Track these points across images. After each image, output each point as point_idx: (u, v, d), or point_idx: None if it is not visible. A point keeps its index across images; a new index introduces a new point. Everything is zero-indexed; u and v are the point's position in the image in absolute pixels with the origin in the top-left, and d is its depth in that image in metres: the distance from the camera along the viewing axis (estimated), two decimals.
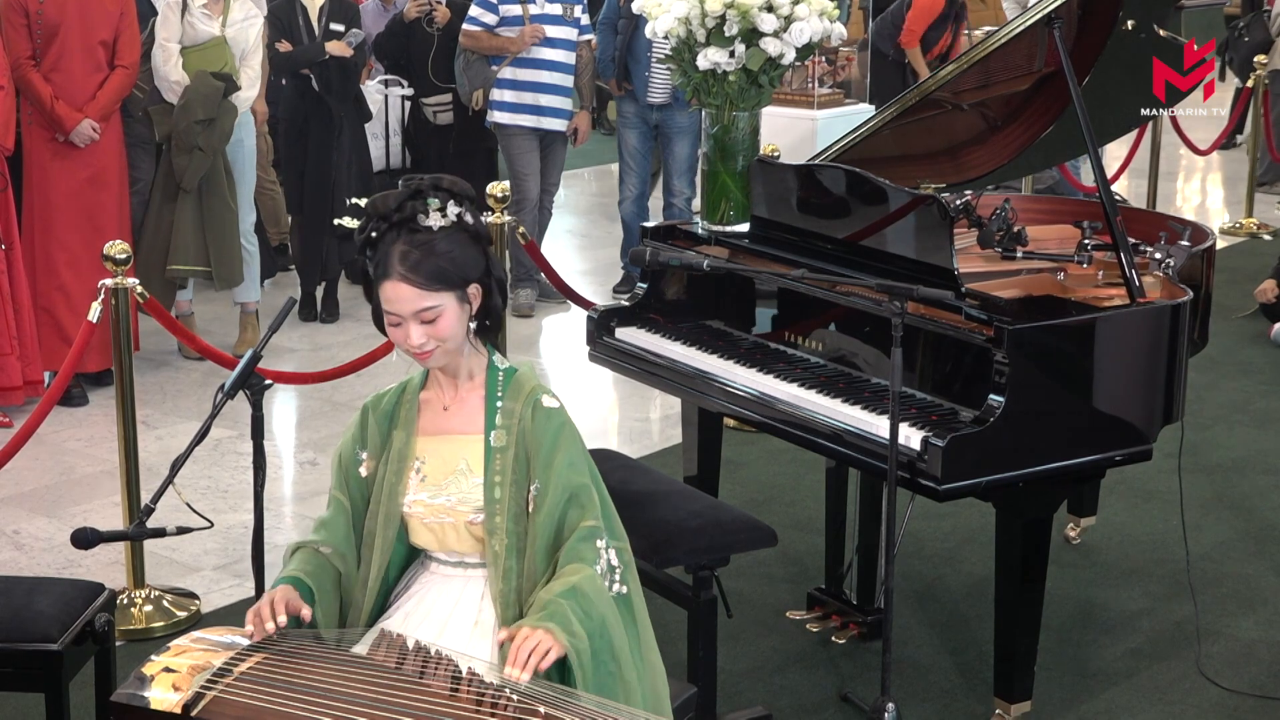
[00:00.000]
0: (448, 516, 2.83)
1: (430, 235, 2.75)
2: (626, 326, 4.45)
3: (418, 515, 2.86)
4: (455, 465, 2.84)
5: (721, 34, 4.23)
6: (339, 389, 6.46)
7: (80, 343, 4.50)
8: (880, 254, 3.93)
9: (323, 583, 2.86)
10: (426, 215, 2.75)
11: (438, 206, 2.76)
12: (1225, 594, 4.69)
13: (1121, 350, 3.73)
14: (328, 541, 2.89)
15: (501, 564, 2.78)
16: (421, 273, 2.73)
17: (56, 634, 3.33)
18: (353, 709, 2.52)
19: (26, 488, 5.49)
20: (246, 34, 6.75)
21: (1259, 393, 6.61)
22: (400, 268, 2.73)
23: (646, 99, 7.79)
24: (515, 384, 2.86)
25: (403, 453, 2.88)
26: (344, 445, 2.95)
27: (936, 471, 3.47)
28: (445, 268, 2.75)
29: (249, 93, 6.80)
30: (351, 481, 2.93)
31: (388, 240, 2.76)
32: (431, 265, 2.74)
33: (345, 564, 2.89)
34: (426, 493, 2.85)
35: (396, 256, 2.74)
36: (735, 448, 5.62)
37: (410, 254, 2.73)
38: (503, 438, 2.83)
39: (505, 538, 2.78)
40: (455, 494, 2.83)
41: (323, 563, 2.88)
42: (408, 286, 2.73)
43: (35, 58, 6.21)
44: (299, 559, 2.89)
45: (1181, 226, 4.38)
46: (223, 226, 6.78)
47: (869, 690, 4.00)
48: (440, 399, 2.90)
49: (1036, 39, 4.39)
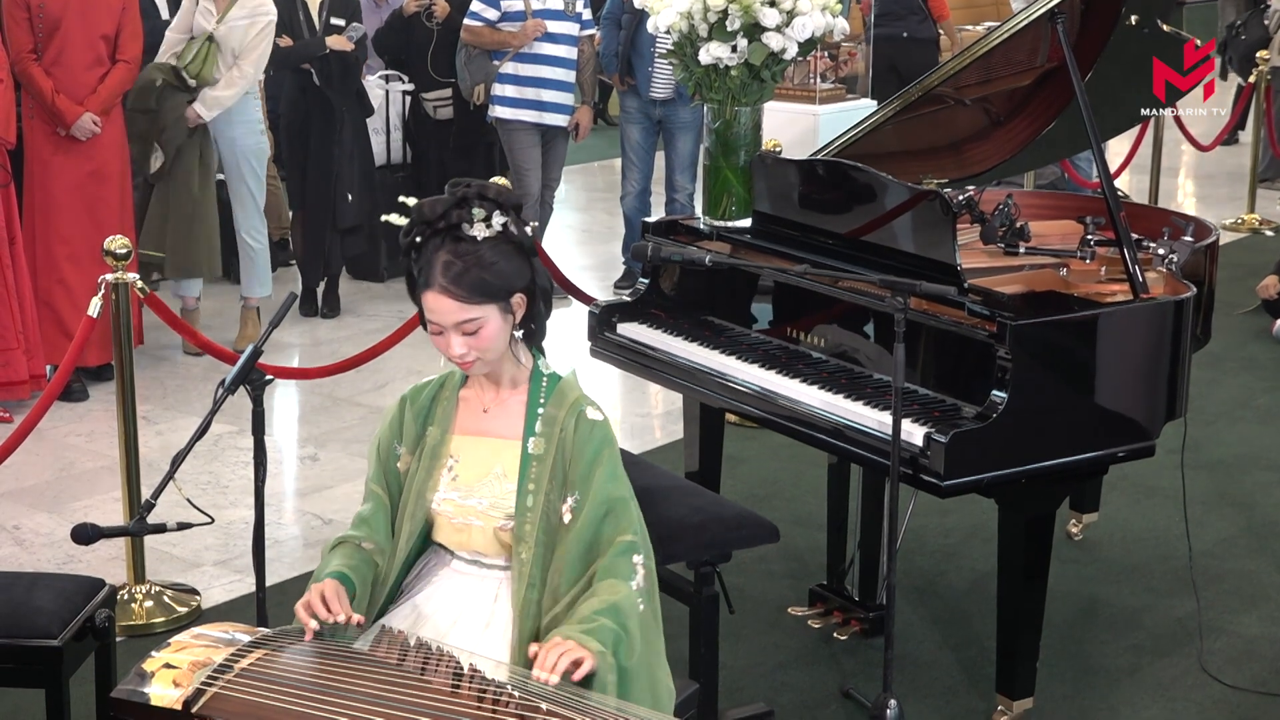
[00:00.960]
0: (477, 519, 2.82)
1: (474, 246, 2.71)
2: (628, 322, 4.44)
3: (446, 514, 2.84)
4: (490, 469, 2.82)
5: (724, 29, 4.22)
6: (340, 384, 6.45)
7: (81, 337, 4.49)
8: (883, 249, 3.93)
9: (365, 579, 2.84)
10: (471, 225, 2.71)
11: (483, 217, 2.72)
12: (1227, 590, 4.68)
13: (1124, 346, 3.72)
14: (370, 538, 2.88)
15: (527, 573, 2.76)
16: (464, 285, 2.70)
17: (57, 630, 3.32)
18: (354, 705, 2.51)
19: (27, 483, 5.49)
20: (242, 34, 6.69)
21: (1261, 389, 6.60)
22: (442, 279, 2.71)
23: (650, 94, 7.78)
24: (559, 392, 2.84)
25: (436, 449, 2.86)
26: (381, 437, 2.93)
27: (939, 467, 3.46)
28: (488, 280, 2.72)
29: (223, 93, 6.73)
30: (390, 474, 2.91)
31: (431, 247, 2.73)
32: (474, 278, 2.71)
33: (385, 561, 2.88)
34: (458, 493, 2.83)
35: (439, 267, 2.71)
36: (737, 443, 5.61)
37: (453, 265, 2.70)
38: (541, 445, 2.80)
39: (533, 547, 2.76)
40: (487, 498, 2.81)
41: (366, 559, 2.86)
42: (449, 299, 2.71)
43: (36, 52, 6.21)
44: (342, 554, 2.86)
45: (1184, 222, 4.37)
46: (182, 216, 6.81)
47: (871, 686, 3.99)
48: (480, 399, 2.88)
49: (1039, 34, 4.38)
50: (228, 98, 6.74)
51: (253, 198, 7.03)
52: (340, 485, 5.50)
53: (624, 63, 7.85)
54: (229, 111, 6.80)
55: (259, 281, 7.17)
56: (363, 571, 2.85)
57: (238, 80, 6.73)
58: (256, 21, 6.73)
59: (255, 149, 7.00)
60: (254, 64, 6.76)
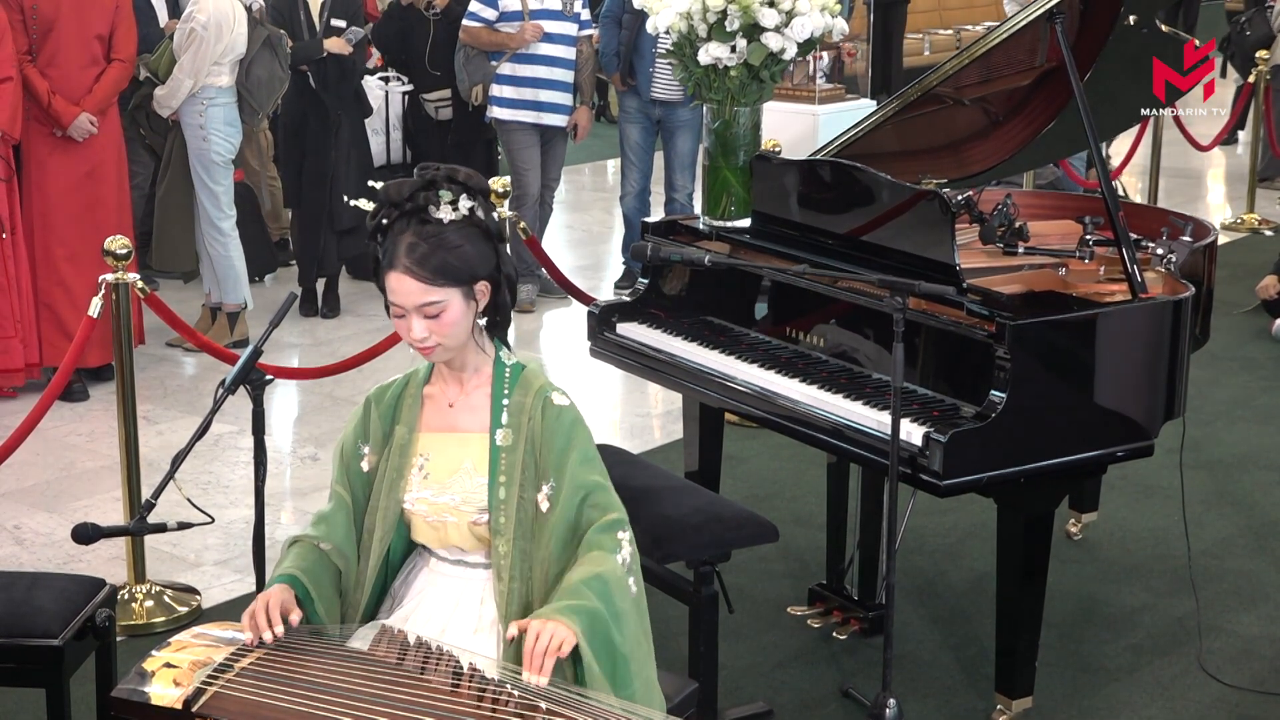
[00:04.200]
0: (451, 516, 2.82)
1: (440, 228, 2.71)
2: (627, 322, 4.45)
3: (420, 513, 2.84)
4: (460, 464, 2.82)
5: (723, 29, 4.22)
6: (340, 384, 6.45)
7: (81, 338, 4.49)
8: (882, 249, 3.93)
9: (320, 579, 2.83)
10: (438, 207, 2.72)
11: (449, 199, 2.72)
12: (1226, 590, 4.68)
13: (1123, 346, 3.72)
14: (328, 538, 2.86)
15: (506, 566, 2.76)
16: (427, 267, 2.70)
17: (57, 629, 3.32)
18: (354, 704, 2.51)
19: (27, 483, 5.49)
20: (181, 36, 6.72)
21: (1260, 388, 6.60)
22: (406, 260, 2.70)
23: (651, 94, 7.78)
24: (523, 381, 2.84)
25: (405, 448, 2.86)
26: (346, 438, 2.93)
27: (938, 467, 3.47)
28: (452, 263, 2.72)
29: (160, 91, 6.79)
30: (353, 475, 2.90)
31: (397, 229, 2.73)
32: (437, 260, 2.71)
33: (345, 561, 2.86)
34: (430, 491, 2.83)
35: (404, 247, 2.71)
36: (736, 443, 5.62)
37: (417, 246, 2.71)
38: (509, 437, 2.80)
39: (511, 540, 2.76)
40: (459, 493, 2.81)
41: (322, 559, 2.85)
42: (411, 280, 2.71)
43: (31, 53, 6.21)
44: (296, 554, 2.85)
45: (1183, 222, 4.37)
46: (165, 210, 7.04)
47: (870, 686, 3.99)
48: (445, 394, 2.88)
49: (1039, 34, 4.38)
50: (164, 97, 6.79)
51: (204, 204, 6.91)
52: None
53: (625, 63, 7.85)
54: (180, 114, 6.83)
55: (226, 289, 7.04)
56: (316, 573, 2.83)
57: (171, 82, 6.75)
58: (184, 26, 6.73)
59: (200, 153, 6.85)
60: (184, 69, 6.68)
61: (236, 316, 7.07)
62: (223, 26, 6.70)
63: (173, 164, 6.98)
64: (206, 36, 6.66)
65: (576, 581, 2.67)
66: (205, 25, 6.65)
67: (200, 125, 6.81)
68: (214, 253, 6.98)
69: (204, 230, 6.95)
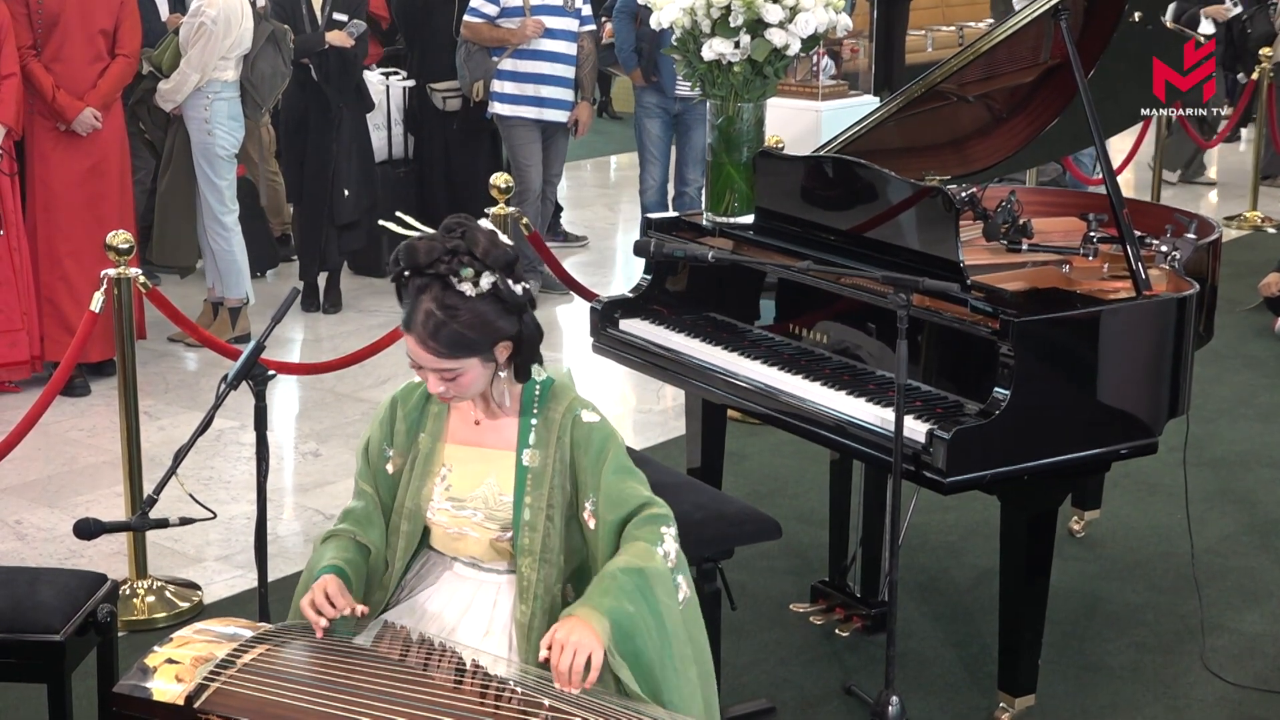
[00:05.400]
0: (472, 530, 2.81)
1: (460, 300, 2.64)
2: (630, 318, 4.44)
3: (440, 524, 2.83)
4: (483, 479, 2.81)
5: (727, 25, 4.22)
6: (342, 379, 6.45)
7: (83, 333, 4.49)
8: (885, 246, 3.92)
9: (360, 571, 2.83)
10: (459, 280, 2.65)
11: (470, 276, 2.65)
12: (1230, 588, 4.68)
13: (1127, 343, 3.72)
14: (364, 534, 2.86)
15: (531, 590, 2.75)
16: (440, 340, 2.65)
17: (59, 625, 3.32)
18: (357, 701, 2.51)
19: (29, 478, 5.49)
20: (187, 31, 6.72)
21: (1264, 386, 6.60)
22: (421, 329, 2.65)
23: (676, 91, 7.77)
24: (552, 397, 2.81)
25: (429, 457, 2.84)
26: (371, 438, 2.90)
27: (941, 464, 3.46)
28: (469, 337, 2.66)
29: (165, 86, 6.78)
30: (379, 475, 2.90)
31: (416, 288, 2.67)
32: (451, 334, 2.65)
33: (377, 557, 2.87)
34: (451, 503, 2.82)
35: (421, 315, 2.65)
36: (739, 440, 5.61)
37: (433, 316, 2.64)
38: (536, 458, 2.77)
39: (537, 565, 2.74)
40: (482, 510, 2.80)
41: (362, 552, 2.85)
42: (425, 351, 2.67)
43: (36, 47, 6.21)
44: (337, 546, 2.84)
45: (1187, 219, 4.36)
46: (166, 205, 7.03)
47: (873, 683, 3.98)
48: (472, 410, 2.85)
49: (1043, 31, 4.37)
50: (169, 91, 6.77)
51: (208, 198, 6.91)
52: (342, 481, 5.49)
53: (649, 59, 7.83)
54: (184, 109, 6.82)
55: (228, 284, 7.04)
56: (358, 564, 2.83)
57: (178, 76, 6.73)
58: (193, 21, 6.72)
59: (204, 148, 6.84)
60: (192, 63, 6.67)
61: (238, 311, 7.07)
62: (231, 21, 6.70)
63: (174, 159, 6.98)
64: (215, 31, 6.66)
65: (616, 569, 2.65)
66: (215, 20, 6.65)
67: (205, 119, 6.80)
68: (216, 247, 6.97)
69: (207, 225, 6.95)
